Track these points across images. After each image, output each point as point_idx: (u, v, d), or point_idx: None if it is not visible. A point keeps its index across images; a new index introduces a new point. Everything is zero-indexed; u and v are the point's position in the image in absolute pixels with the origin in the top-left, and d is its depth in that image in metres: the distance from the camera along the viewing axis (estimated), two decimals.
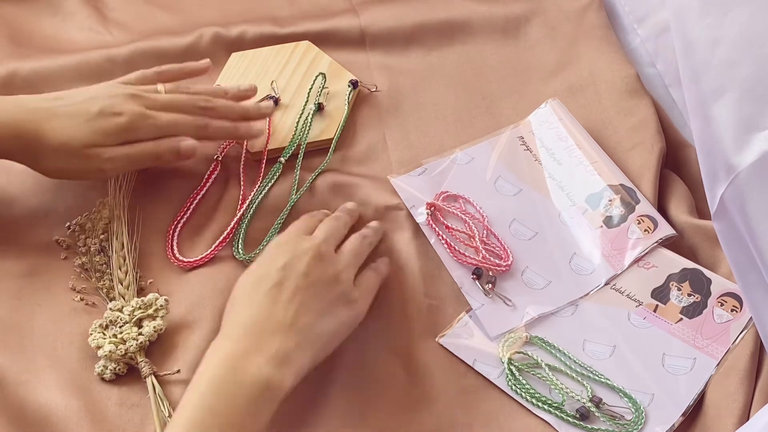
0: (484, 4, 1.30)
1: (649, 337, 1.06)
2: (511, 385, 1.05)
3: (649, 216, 1.11)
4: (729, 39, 1.04)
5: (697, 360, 1.05)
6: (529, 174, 1.16)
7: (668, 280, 1.09)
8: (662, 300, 1.08)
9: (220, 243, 1.13)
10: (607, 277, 1.09)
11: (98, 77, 1.24)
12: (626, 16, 1.28)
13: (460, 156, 1.18)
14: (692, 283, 1.08)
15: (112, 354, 1.05)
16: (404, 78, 1.26)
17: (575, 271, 1.10)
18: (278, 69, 1.25)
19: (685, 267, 1.09)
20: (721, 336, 1.05)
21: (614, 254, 1.10)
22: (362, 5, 1.31)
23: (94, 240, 1.12)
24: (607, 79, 1.23)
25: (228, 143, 1.19)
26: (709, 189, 1.06)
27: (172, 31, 1.28)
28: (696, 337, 1.06)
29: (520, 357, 1.06)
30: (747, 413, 1.02)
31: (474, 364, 1.06)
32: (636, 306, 1.08)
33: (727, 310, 1.07)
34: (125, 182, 1.15)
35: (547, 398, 1.04)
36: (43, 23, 1.30)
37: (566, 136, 1.17)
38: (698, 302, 1.08)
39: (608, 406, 1.03)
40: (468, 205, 1.16)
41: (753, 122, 1.01)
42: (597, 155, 1.16)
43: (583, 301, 1.09)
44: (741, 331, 1.05)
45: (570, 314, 1.09)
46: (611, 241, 1.10)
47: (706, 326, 1.06)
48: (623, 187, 1.13)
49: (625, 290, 1.09)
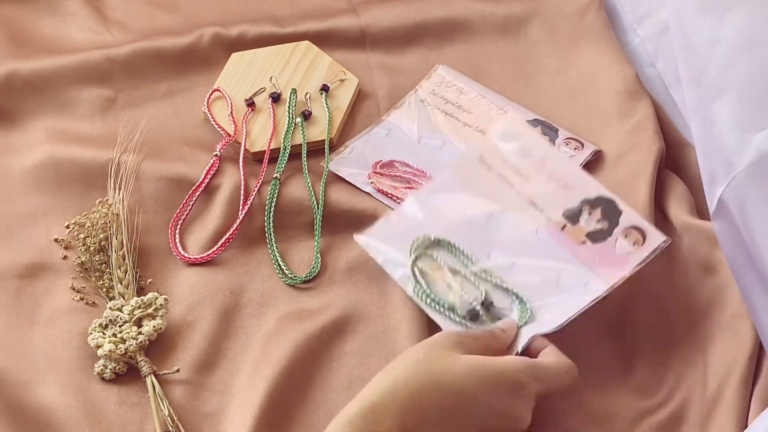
0: (484, 4, 1.30)
1: (551, 253, 1.08)
2: (413, 285, 1.07)
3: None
4: (728, 39, 1.05)
5: (591, 282, 1.06)
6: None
7: (582, 204, 1.10)
8: (572, 221, 1.09)
9: (225, 241, 1.13)
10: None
11: (98, 77, 1.24)
12: (626, 16, 1.28)
13: (378, 131, 1.20)
14: (604, 210, 1.09)
15: (111, 353, 1.05)
16: (404, 78, 1.26)
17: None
18: (278, 69, 1.25)
19: (600, 195, 1.10)
20: (618, 264, 1.06)
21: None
22: (362, 5, 1.31)
23: (94, 239, 1.12)
24: (607, 79, 1.23)
25: (227, 141, 1.19)
26: (708, 189, 1.06)
27: (172, 31, 1.28)
28: (595, 261, 1.07)
29: (426, 260, 1.09)
30: (745, 416, 1.02)
31: (383, 264, 1.09)
32: (546, 221, 1.10)
33: (630, 242, 1.07)
34: (125, 181, 1.15)
35: (442, 300, 1.06)
36: (43, 23, 1.30)
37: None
38: (605, 230, 1.08)
39: (498, 309, 1.06)
40: (405, 167, 1.19)
41: (752, 122, 1.01)
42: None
43: (499, 211, 1.11)
44: (636, 265, 1.06)
45: (484, 221, 1.11)
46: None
47: (606, 253, 1.07)
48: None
49: (539, 205, 1.10)
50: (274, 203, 1.16)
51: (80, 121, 1.22)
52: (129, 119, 1.21)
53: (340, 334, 1.09)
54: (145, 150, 1.18)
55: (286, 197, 1.17)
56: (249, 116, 1.22)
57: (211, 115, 1.22)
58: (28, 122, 1.22)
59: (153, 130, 1.20)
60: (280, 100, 1.23)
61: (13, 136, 1.21)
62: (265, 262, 1.14)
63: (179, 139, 1.21)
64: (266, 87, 1.23)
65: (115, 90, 1.24)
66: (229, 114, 1.21)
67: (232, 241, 1.14)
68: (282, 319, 1.09)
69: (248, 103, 1.22)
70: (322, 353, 1.08)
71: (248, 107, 1.22)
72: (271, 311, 1.10)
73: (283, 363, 1.05)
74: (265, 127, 1.21)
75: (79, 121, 1.22)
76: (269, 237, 1.15)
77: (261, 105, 1.23)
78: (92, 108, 1.23)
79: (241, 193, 1.16)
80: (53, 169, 1.17)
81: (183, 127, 1.23)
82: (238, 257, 1.14)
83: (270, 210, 1.16)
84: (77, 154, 1.18)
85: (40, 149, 1.19)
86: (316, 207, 1.16)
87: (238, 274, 1.13)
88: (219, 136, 1.20)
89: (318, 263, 1.13)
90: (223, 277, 1.12)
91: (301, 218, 1.16)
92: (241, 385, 1.06)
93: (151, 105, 1.24)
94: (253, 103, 1.22)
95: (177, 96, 1.25)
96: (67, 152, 1.18)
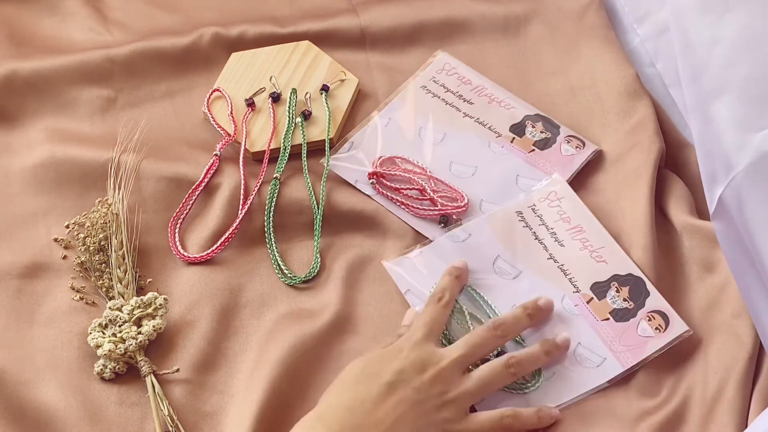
0: (484, 4, 1.30)
1: (573, 323, 1.08)
2: None
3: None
4: (728, 39, 1.04)
5: (607, 361, 1.06)
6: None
7: (611, 279, 1.09)
8: (599, 295, 1.09)
9: (225, 241, 1.13)
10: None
11: (98, 77, 1.24)
12: (626, 16, 1.28)
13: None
14: (632, 290, 1.09)
15: (111, 353, 1.05)
16: (404, 78, 1.26)
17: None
18: (278, 69, 1.25)
19: (631, 273, 1.09)
20: (637, 348, 1.06)
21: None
22: (362, 5, 1.31)
23: (94, 239, 1.12)
24: (607, 79, 1.23)
25: (227, 141, 1.19)
26: (708, 189, 1.06)
27: (172, 31, 1.28)
28: (614, 340, 1.07)
29: None
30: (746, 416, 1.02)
31: (406, 294, 1.10)
32: (573, 291, 1.09)
33: (652, 327, 1.07)
34: (124, 181, 1.15)
35: None
36: (43, 23, 1.30)
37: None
38: (629, 309, 1.08)
39: None
40: (405, 163, 1.18)
41: (752, 122, 1.01)
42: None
43: (528, 270, 1.11)
44: (655, 351, 1.06)
45: (511, 278, 1.10)
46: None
47: (627, 334, 1.07)
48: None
49: (569, 272, 1.10)
50: (273, 203, 1.16)
51: (80, 121, 1.22)
52: (129, 119, 1.21)
53: (340, 334, 1.09)
54: (145, 150, 1.18)
55: (286, 197, 1.17)
56: (249, 116, 1.22)
57: (211, 115, 1.22)
58: (28, 122, 1.22)
59: (153, 130, 1.20)
60: (280, 100, 1.23)
61: (13, 136, 1.21)
62: (265, 261, 1.14)
63: (179, 139, 1.21)
64: (266, 87, 1.23)
65: (115, 90, 1.24)
66: (229, 114, 1.21)
67: (231, 241, 1.14)
68: (281, 319, 1.09)
69: (248, 103, 1.22)
70: (321, 353, 1.08)
71: (248, 107, 1.22)
72: (271, 311, 1.10)
73: (283, 363, 1.05)
74: (265, 127, 1.21)
75: (79, 121, 1.22)
76: (269, 237, 1.15)
77: (261, 105, 1.23)
78: (92, 108, 1.23)
79: (241, 192, 1.16)
80: (53, 169, 1.17)
81: (183, 127, 1.23)
82: (238, 257, 1.14)
83: (270, 210, 1.16)
84: (77, 154, 1.18)
85: (40, 149, 1.19)
86: (316, 207, 1.16)
87: (237, 274, 1.13)
88: (219, 136, 1.20)
89: (317, 263, 1.13)
90: (223, 276, 1.12)
91: (301, 218, 1.16)
92: (240, 385, 1.06)
93: (151, 105, 1.24)
94: (253, 103, 1.22)
95: (177, 96, 1.25)
96: (66, 152, 1.18)
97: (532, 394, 1.04)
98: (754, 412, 1.02)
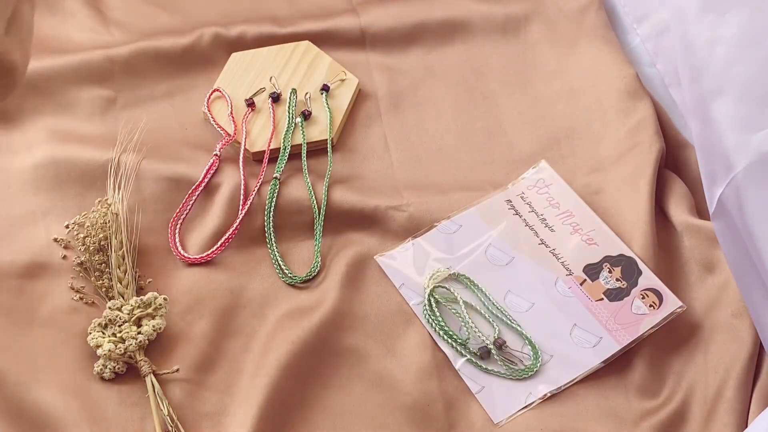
0: (484, 4, 1.30)
1: (567, 305, 1.09)
2: (426, 313, 1.08)
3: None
4: (728, 39, 1.05)
5: (603, 340, 1.07)
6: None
7: (603, 261, 1.11)
8: (591, 276, 1.10)
9: (225, 241, 1.13)
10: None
11: (98, 77, 1.24)
12: (626, 16, 1.28)
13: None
14: (624, 270, 1.10)
15: (111, 353, 1.05)
16: (404, 78, 1.26)
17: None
18: (278, 69, 1.25)
19: (622, 253, 1.11)
20: (632, 325, 1.07)
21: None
22: (362, 5, 1.31)
23: (93, 239, 1.12)
24: (607, 79, 1.23)
25: (227, 141, 1.19)
26: (708, 189, 1.06)
27: (172, 31, 1.28)
28: (609, 319, 1.08)
29: (443, 291, 1.10)
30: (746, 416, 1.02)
31: (400, 288, 1.10)
32: (566, 274, 1.11)
33: (646, 304, 1.08)
34: (124, 181, 1.15)
35: (454, 333, 1.07)
36: (43, 23, 1.30)
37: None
38: (623, 289, 1.09)
39: (509, 350, 1.07)
40: None
41: (752, 122, 1.01)
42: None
43: (520, 256, 1.11)
44: (650, 328, 1.07)
45: (504, 263, 1.11)
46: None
47: (621, 312, 1.08)
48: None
49: (560, 256, 1.12)
50: (274, 203, 1.16)
51: (80, 121, 1.22)
52: (129, 119, 1.21)
53: (340, 333, 1.09)
54: (145, 150, 1.18)
55: (286, 197, 1.17)
56: (249, 116, 1.22)
57: (211, 115, 1.22)
58: (28, 122, 1.22)
59: (153, 130, 1.20)
60: (280, 100, 1.23)
61: (13, 136, 1.21)
62: (265, 261, 1.14)
63: (179, 139, 1.21)
64: (266, 87, 1.24)
65: (115, 90, 1.24)
66: (229, 114, 1.21)
67: (231, 241, 1.14)
68: (282, 318, 1.09)
69: (248, 103, 1.22)
70: (321, 352, 1.08)
71: (248, 107, 1.22)
72: (271, 311, 1.10)
73: (283, 362, 1.05)
74: (265, 127, 1.21)
75: (79, 121, 1.22)
76: (269, 237, 1.15)
77: (261, 105, 1.23)
78: (92, 108, 1.23)
79: (241, 193, 1.16)
80: (53, 169, 1.17)
81: (183, 127, 1.23)
82: (238, 257, 1.14)
83: (270, 210, 1.16)
84: (77, 154, 1.18)
85: (39, 149, 1.19)
86: (316, 207, 1.16)
87: (237, 274, 1.13)
88: (219, 136, 1.20)
89: (318, 263, 1.13)
90: (223, 276, 1.12)
91: (301, 218, 1.16)
92: (241, 385, 1.06)
93: (151, 105, 1.24)
94: (253, 103, 1.22)
95: (177, 96, 1.25)
96: (66, 152, 1.18)
97: (531, 379, 1.05)
98: (754, 412, 1.02)
